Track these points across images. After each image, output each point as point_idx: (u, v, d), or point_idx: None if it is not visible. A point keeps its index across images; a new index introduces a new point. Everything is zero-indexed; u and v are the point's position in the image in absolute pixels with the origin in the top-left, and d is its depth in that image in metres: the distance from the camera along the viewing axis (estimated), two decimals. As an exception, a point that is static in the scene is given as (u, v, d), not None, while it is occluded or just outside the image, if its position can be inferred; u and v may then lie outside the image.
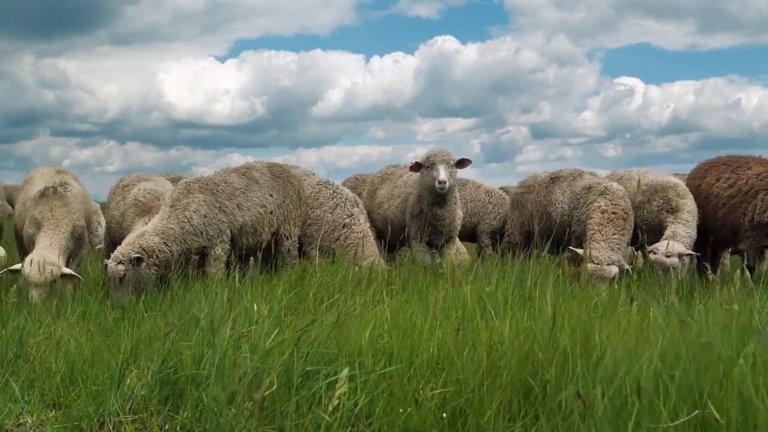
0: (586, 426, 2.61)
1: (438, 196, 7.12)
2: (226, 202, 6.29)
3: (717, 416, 2.60)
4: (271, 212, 6.64)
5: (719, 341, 3.13)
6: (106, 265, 5.86)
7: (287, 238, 6.88)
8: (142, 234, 5.92)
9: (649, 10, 44.78)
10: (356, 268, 6.30)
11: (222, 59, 48.57)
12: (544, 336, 3.21)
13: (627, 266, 6.39)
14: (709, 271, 7.46)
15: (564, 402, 2.74)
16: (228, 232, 6.24)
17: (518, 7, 46.76)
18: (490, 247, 9.26)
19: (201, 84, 42.93)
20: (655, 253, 6.64)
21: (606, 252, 6.42)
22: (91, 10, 42.53)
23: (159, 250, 5.83)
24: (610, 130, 42.55)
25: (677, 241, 6.85)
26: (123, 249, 5.80)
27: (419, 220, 7.38)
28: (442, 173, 6.80)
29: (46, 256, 5.89)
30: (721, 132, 37.33)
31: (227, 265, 6.11)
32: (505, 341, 3.23)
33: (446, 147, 7.14)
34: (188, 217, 6.01)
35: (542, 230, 7.81)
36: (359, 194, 8.60)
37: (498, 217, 9.36)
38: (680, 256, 6.65)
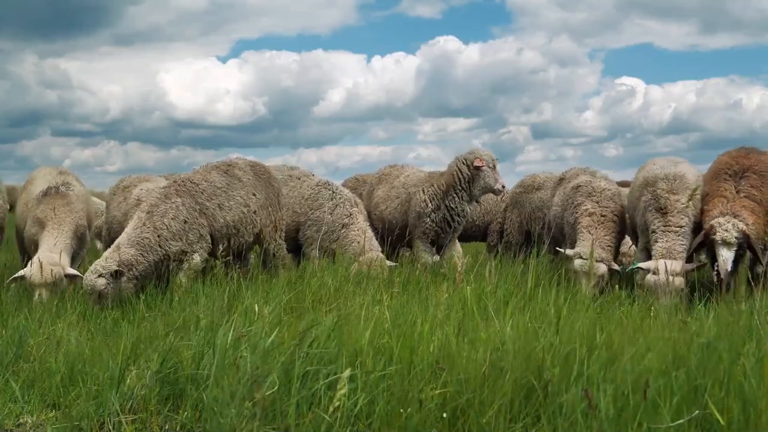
0: (589, 426, 2.61)
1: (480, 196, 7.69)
2: (207, 203, 6.07)
3: (718, 417, 2.60)
4: (254, 212, 6.44)
5: (720, 341, 3.12)
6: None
7: (268, 241, 6.69)
8: (118, 247, 5.68)
9: (650, 11, 44.82)
10: (356, 264, 6.29)
11: (223, 59, 48.59)
12: (547, 336, 3.21)
13: (616, 266, 6.14)
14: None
15: (566, 402, 2.74)
16: (208, 237, 6.04)
17: (520, 7, 46.82)
18: (498, 247, 9.27)
19: (202, 84, 42.96)
20: (655, 273, 5.38)
21: (596, 249, 5.99)
22: (93, 11, 42.55)
23: (137, 262, 5.62)
24: (611, 130, 42.58)
25: (673, 259, 5.52)
26: (103, 262, 5.55)
27: (431, 218, 7.46)
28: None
29: (49, 257, 5.87)
30: (722, 132, 37.34)
31: (226, 264, 6.05)
32: (506, 341, 3.23)
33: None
34: (166, 224, 5.79)
35: (543, 230, 7.77)
36: (359, 195, 8.59)
37: None
38: (685, 274, 5.46)
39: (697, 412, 2.63)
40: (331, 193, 7.51)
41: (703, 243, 5.58)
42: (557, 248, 6.42)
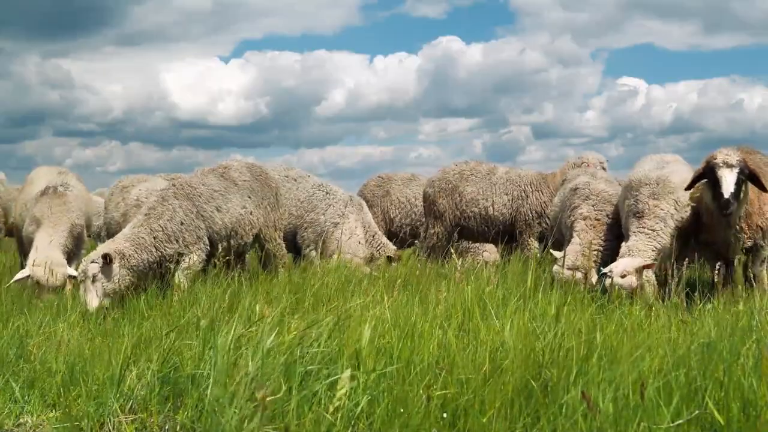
0: (589, 426, 2.61)
1: None
2: (204, 206, 6.10)
3: (718, 417, 2.60)
4: (251, 213, 6.46)
5: (720, 341, 3.13)
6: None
7: (267, 241, 6.72)
8: (114, 240, 5.82)
9: (653, 11, 44.89)
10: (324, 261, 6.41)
11: (226, 59, 48.55)
12: (547, 336, 3.21)
13: (592, 275, 5.72)
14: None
15: (566, 402, 2.74)
16: (206, 239, 6.06)
17: (523, 8, 46.87)
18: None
19: (204, 84, 42.92)
20: (610, 277, 5.32)
21: (574, 255, 5.86)
22: (96, 11, 42.57)
23: (129, 255, 5.65)
24: (611, 131, 42.55)
25: (632, 256, 5.49)
26: (95, 252, 5.66)
27: (548, 219, 7.63)
28: None
29: (51, 257, 5.87)
30: (723, 132, 37.31)
31: (227, 264, 6.06)
32: (506, 341, 3.23)
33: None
34: (162, 226, 5.83)
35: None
36: (386, 192, 9.27)
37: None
38: (638, 271, 5.36)
39: (696, 412, 2.64)
40: (324, 194, 7.67)
41: (702, 175, 5.40)
42: (552, 251, 6.39)
